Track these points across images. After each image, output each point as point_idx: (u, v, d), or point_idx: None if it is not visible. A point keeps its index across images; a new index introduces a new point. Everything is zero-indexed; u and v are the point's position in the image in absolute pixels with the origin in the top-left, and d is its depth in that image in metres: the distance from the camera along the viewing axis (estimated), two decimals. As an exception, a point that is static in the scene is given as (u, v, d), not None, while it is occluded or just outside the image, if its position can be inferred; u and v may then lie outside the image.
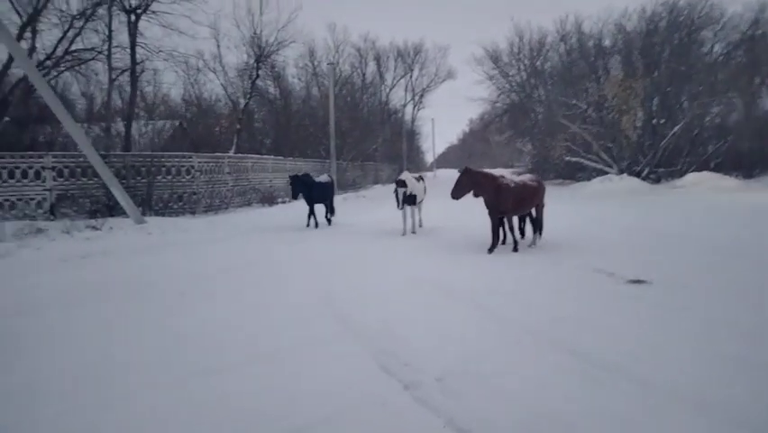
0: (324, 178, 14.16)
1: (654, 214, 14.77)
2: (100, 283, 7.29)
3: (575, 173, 32.79)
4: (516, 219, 10.22)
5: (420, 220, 12.66)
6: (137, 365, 4.22)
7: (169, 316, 5.61)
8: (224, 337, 4.82)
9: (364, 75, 52.54)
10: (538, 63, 42.37)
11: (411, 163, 61.82)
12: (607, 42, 33.75)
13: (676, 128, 26.37)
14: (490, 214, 8.98)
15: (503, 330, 4.89)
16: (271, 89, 34.89)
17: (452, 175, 9.15)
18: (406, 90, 61.27)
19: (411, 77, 61.14)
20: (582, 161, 30.23)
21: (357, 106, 43.50)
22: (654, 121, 27.60)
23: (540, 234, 9.67)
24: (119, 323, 5.41)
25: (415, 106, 63.49)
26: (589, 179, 28.86)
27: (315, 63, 40.95)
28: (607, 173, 28.09)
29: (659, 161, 27.48)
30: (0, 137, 16.56)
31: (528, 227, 10.52)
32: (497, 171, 10.01)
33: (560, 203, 18.31)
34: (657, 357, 4.14)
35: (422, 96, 63.04)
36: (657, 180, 27.10)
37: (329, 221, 14.10)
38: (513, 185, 8.94)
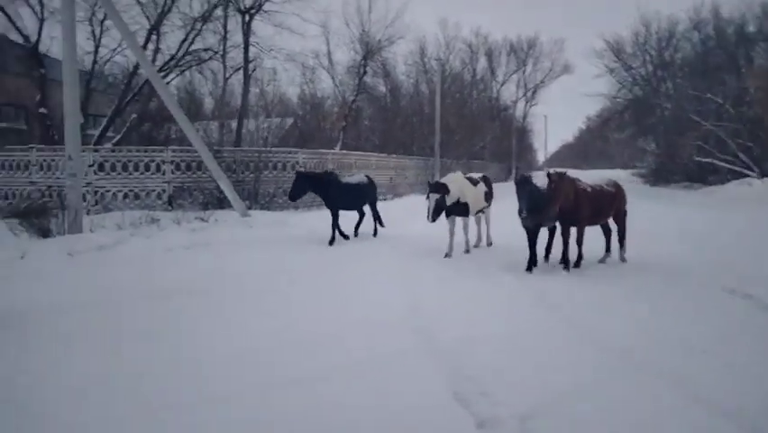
0: (357, 178, 11.50)
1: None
2: (194, 275, 7.49)
3: (706, 176, 29.49)
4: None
5: (488, 236, 9.95)
6: (202, 369, 4.06)
7: (248, 316, 5.49)
8: (297, 345, 4.53)
9: (474, 71, 51.29)
10: (667, 54, 38.74)
11: (521, 161, 59.47)
12: (750, 28, 29.92)
13: (836, 125, 22.68)
14: (564, 224, 7.62)
15: (608, 359, 4.16)
16: (381, 87, 35.21)
17: None
18: (517, 86, 58.98)
19: (524, 72, 58.71)
20: (716, 162, 27.06)
21: (465, 103, 42.54)
22: (808, 117, 23.95)
23: (623, 247, 8.28)
24: (198, 320, 5.37)
25: (527, 103, 60.98)
26: (722, 183, 25.75)
27: (426, 60, 40.64)
28: (746, 176, 24.86)
29: (812, 163, 23.83)
30: (129, 133, 17.99)
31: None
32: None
33: (684, 208, 16.44)
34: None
35: (535, 91, 60.34)
36: (809, 185, 23.47)
37: (375, 230, 11.47)
38: (590, 189, 7.72)
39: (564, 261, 7.56)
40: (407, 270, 7.81)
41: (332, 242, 10.20)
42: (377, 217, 11.51)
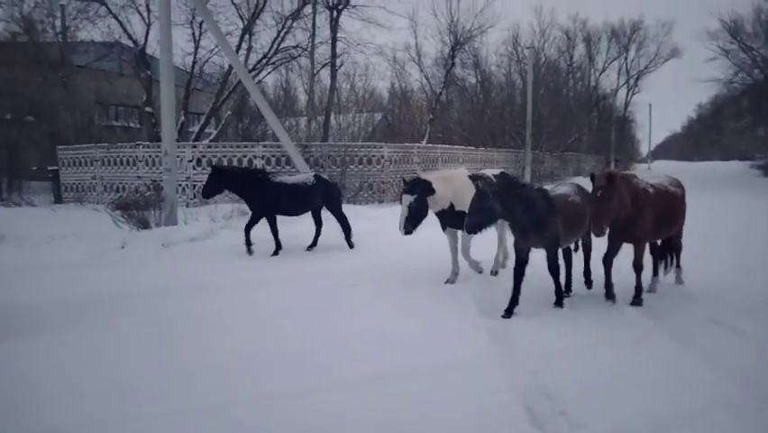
0: (300, 178, 9.42)
1: None
2: (274, 268, 7.70)
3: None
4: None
5: (504, 254, 7.18)
6: (256, 367, 4.02)
7: (314, 311, 5.41)
8: (361, 346, 4.37)
9: (571, 58, 48.85)
10: (795, 31, 34.59)
11: (621, 153, 55.99)
12: None
13: None
14: (614, 241, 5.49)
15: (722, 384, 3.57)
16: (471, 78, 34.50)
17: (671, 169, 6.36)
18: (619, 73, 55.33)
19: (626, 58, 54.99)
20: None
21: (560, 92, 40.64)
22: None
23: (678, 263, 6.21)
24: (266, 311, 5.43)
25: (629, 91, 57.08)
26: None
27: (519, 49, 39.25)
28: None
29: None
30: (224, 129, 18.86)
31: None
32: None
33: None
34: None
35: (638, 78, 56.32)
36: None
37: (348, 241, 9.37)
38: (653, 191, 5.52)
39: (607, 289, 5.51)
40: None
41: (276, 251, 8.74)
42: (343, 228, 9.42)
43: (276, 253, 8.77)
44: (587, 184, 5.52)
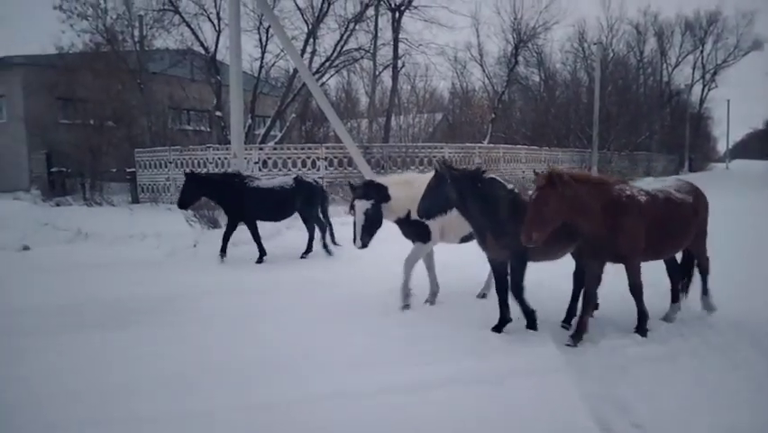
0: (278, 181, 8.98)
1: None
2: (334, 269, 7.77)
3: None
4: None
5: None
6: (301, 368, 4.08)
7: (371, 315, 5.40)
8: (420, 351, 4.29)
9: (641, 53, 46.72)
10: None
11: (696, 152, 53.05)
12: None
13: None
14: (590, 259, 4.59)
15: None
16: (534, 76, 33.80)
17: (749, 168, 5.87)
18: (694, 68, 52.39)
19: (702, 51, 52.02)
20: None
21: (629, 89, 38.99)
22: None
23: (706, 288, 5.13)
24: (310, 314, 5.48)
25: (705, 86, 53.95)
26: None
27: (585, 45, 38.02)
28: None
29: None
30: (289, 131, 19.36)
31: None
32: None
33: None
34: None
35: (715, 73, 53.17)
36: None
37: (324, 247, 9.11)
38: (644, 199, 4.52)
39: (576, 323, 4.61)
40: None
41: (222, 253, 8.50)
42: (310, 234, 9.10)
43: (260, 260, 8.56)
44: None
